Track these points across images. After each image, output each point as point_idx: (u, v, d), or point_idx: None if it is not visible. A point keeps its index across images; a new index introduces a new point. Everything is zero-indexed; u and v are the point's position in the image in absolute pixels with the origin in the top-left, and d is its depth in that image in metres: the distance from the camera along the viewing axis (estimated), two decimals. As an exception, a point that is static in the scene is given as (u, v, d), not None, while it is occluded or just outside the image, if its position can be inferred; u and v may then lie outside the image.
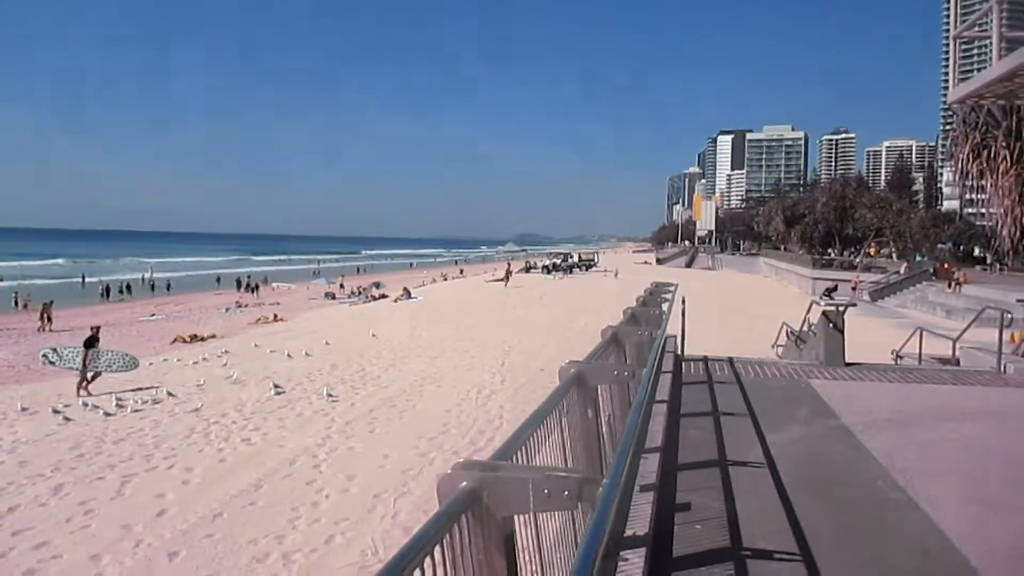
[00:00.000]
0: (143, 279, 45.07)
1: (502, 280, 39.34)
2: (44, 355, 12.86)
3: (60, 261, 62.32)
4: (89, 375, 12.28)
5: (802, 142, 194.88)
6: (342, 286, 39.64)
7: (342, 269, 70.21)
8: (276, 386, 11.47)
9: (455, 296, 30.76)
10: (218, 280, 45.80)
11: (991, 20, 5.71)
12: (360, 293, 36.01)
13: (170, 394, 11.18)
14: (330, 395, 10.91)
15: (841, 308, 7.74)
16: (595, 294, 31.50)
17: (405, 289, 31.67)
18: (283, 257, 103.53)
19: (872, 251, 48.70)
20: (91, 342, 12.70)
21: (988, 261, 51.11)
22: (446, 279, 50.19)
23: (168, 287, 41.91)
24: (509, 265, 44.81)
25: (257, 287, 41.87)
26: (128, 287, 39.07)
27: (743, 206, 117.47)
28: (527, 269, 50.84)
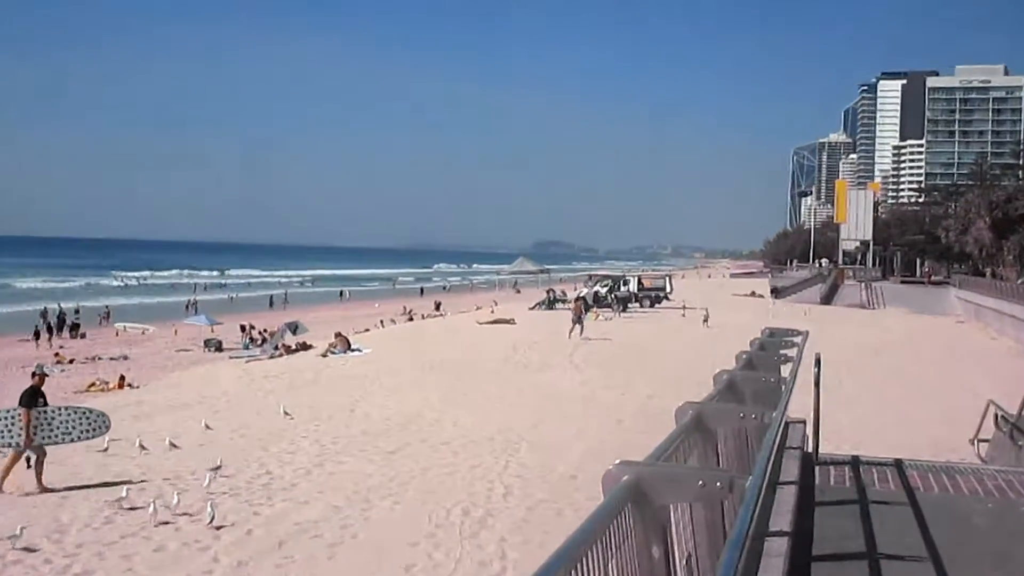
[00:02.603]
0: None
1: (507, 321, 39.53)
2: None
3: None
4: (32, 456, 12.64)
5: (1022, 94, 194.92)
6: (245, 328, 40.23)
7: (234, 302, 70.69)
8: (120, 499, 11.53)
9: (427, 347, 31.02)
10: (43, 315, 45.72)
11: None
12: (265, 341, 36.36)
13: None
14: (213, 517, 10.91)
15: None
16: (666, 347, 31.57)
17: (341, 336, 31.86)
18: (138, 276, 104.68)
19: None
20: (33, 398, 13.01)
21: None
22: (412, 319, 50.53)
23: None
24: (578, 300, 42.29)
25: (77, 328, 41.80)
26: None
27: (920, 200, 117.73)
28: (549, 303, 51.20)
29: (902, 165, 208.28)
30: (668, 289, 55.78)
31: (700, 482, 2.91)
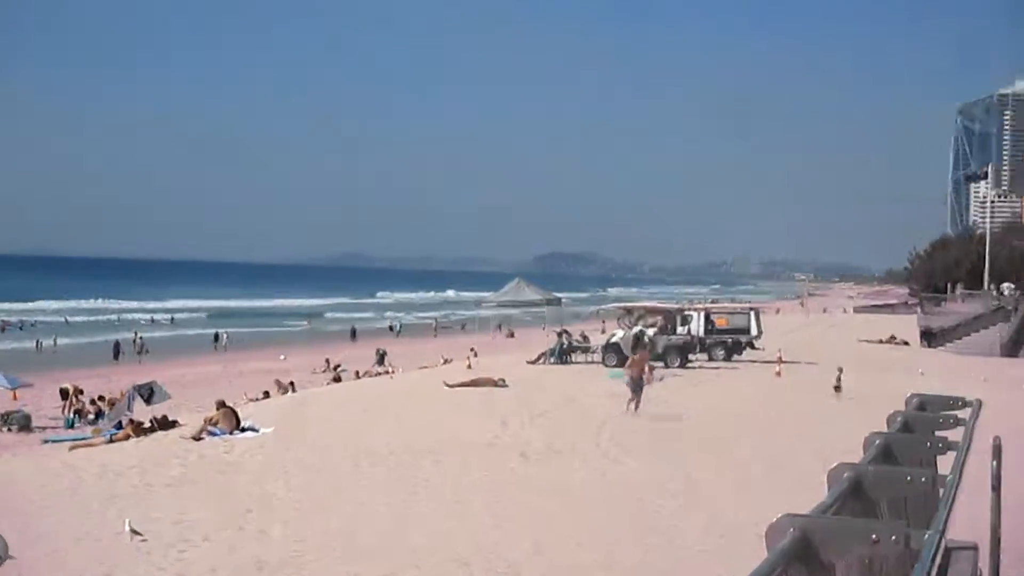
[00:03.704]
0: None
1: (492, 383, 39.44)
2: None
3: None
4: None
5: None
6: (68, 394, 40.07)
7: (48, 351, 70.39)
8: None
9: (363, 424, 31.14)
10: None
11: None
12: (101, 415, 36.34)
13: None
14: None
15: None
16: (751, 424, 31.80)
17: (225, 408, 31.72)
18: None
19: None
20: None
21: None
22: (339, 378, 50.45)
23: None
24: (638, 350, 42.45)
25: None
26: None
27: None
28: (561, 352, 52.02)
29: None
30: (754, 331, 55.90)
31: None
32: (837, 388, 38.26)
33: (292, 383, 45.55)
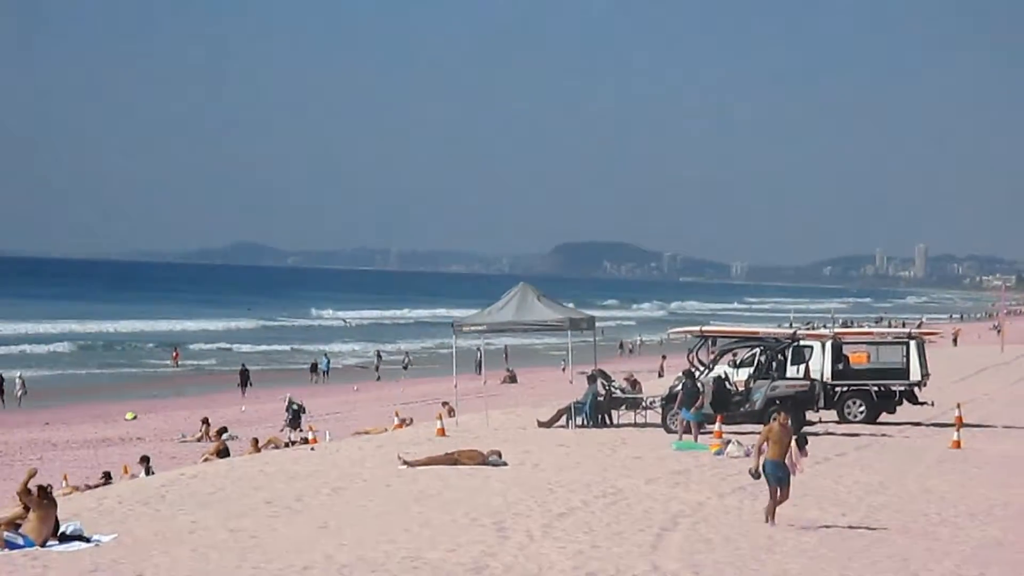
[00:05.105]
0: None
1: (481, 459, 39.73)
2: None
3: None
4: None
5: None
6: None
7: None
8: None
9: (267, 530, 29.94)
10: None
11: None
12: None
13: None
14: None
15: None
16: (913, 526, 31.60)
17: (36, 499, 31.06)
18: None
19: None
20: None
21: None
22: (224, 450, 50.91)
23: None
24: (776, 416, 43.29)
25: None
26: None
27: None
28: (592, 407, 53.27)
29: None
30: (915, 373, 55.55)
31: None
32: None
33: (147, 459, 44.79)
